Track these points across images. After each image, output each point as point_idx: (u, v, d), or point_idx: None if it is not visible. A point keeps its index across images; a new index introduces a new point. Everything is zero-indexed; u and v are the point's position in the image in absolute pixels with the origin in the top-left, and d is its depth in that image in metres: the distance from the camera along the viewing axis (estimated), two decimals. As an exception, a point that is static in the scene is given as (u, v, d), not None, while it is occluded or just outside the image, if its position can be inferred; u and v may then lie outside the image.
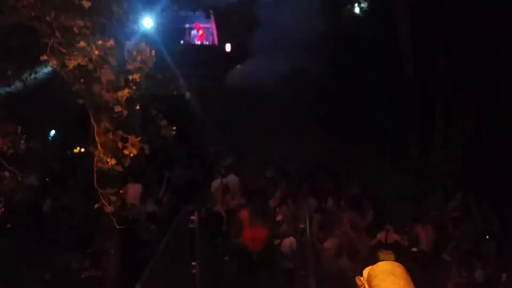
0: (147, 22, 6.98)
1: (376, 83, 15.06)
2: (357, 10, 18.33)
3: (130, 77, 5.21)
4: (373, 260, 2.07)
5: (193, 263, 7.66)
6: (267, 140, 14.23)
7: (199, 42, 22.08)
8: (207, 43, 22.36)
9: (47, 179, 11.15)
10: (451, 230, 9.39)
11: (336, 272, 7.84)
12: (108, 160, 5.34)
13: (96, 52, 4.92)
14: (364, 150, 13.73)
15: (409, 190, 11.78)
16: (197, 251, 7.78)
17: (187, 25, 21.93)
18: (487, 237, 9.03)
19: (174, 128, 5.99)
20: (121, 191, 5.73)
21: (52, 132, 13.19)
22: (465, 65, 13.08)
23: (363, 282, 1.94)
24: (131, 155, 5.35)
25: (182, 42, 21.59)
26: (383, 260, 2.03)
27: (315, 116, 15.19)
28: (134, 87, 5.22)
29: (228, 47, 21.46)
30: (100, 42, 4.96)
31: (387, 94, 14.81)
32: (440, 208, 10.40)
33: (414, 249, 8.45)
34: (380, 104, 14.93)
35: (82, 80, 5.16)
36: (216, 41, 22.27)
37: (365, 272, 1.97)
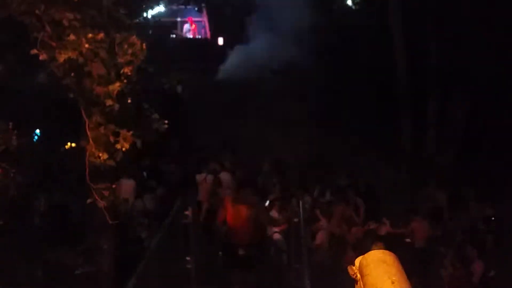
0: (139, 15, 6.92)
1: (369, 76, 15.07)
2: (349, 2, 18.32)
3: (121, 71, 5.16)
4: (366, 252, 2.06)
5: (188, 258, 7.65)
6: (260, 134, 14.21)
7: (191, 36, 22.00)
8: (200, 36, 22.29)
9: (40, 175, 11.06)
10: (445, 222, 9.43)
11: (328, 263, 7.87)
12: (100, 154, 5.29)
13: (87, 46, 4.87)
14: (358, 143, 13.75)
15: (402, 183, 11.82)
16: (191, 246, 7.76)
17: (179, 19, 21.84)
18: (481, 229, 9.07)
19: (166, 122, 5.94)
20: (113, 186, 5.69)
21: (44, 128, 13.06)
22: (458, 59, 13.10)
23: (355, 271, 1.93)
24: (123, 149, 5.31)
25: (174, 35, 21.52)
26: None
27: (308, 109, 15.18)
28: (125, 81, 5.17)
29: (220, 41, 21.41)
30: (90, 35, 4.91)
31: (380, 88, 14.84)
32: (434, 201, 10.43)
33: (408, 240, 8.48)
34: (373, 97, 14.95)
35: (72, 74, 5.11)
36: (208, 35, 22.21)
37: (357, 261, 1.95)
